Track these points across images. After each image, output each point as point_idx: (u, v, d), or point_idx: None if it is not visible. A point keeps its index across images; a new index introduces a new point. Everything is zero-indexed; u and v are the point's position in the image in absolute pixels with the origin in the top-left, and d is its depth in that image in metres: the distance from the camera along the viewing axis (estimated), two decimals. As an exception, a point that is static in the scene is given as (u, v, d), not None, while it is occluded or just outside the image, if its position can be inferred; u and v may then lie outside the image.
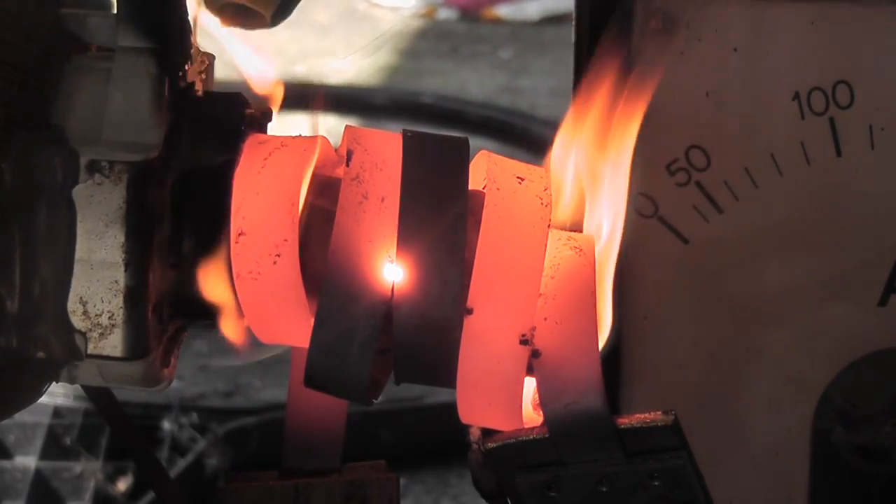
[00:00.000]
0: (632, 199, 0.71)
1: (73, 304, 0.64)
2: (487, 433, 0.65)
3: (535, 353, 0.63)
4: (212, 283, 0.66)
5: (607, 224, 0.68)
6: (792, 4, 0.91)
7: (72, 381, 0.66)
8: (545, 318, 0.63)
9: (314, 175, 0.66)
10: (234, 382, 2.13)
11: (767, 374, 0.98)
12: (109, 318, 0.64)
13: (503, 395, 0.63)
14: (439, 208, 0.63)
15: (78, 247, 0.64)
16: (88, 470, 1.77)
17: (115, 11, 0.65)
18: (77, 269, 0.64)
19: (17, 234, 0.63)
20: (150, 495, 1.69)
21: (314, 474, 0.74)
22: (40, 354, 0.65)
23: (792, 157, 0.94)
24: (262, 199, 0.64)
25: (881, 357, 0.96)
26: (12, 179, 0.63)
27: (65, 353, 0.65)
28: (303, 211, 0.65)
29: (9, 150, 0.62)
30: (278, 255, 0.63)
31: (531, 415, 0.65)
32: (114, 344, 0.64)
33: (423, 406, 1.83)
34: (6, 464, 1.78)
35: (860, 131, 0.93)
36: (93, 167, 0.63)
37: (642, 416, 0.63)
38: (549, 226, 0.64)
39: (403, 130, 0.66)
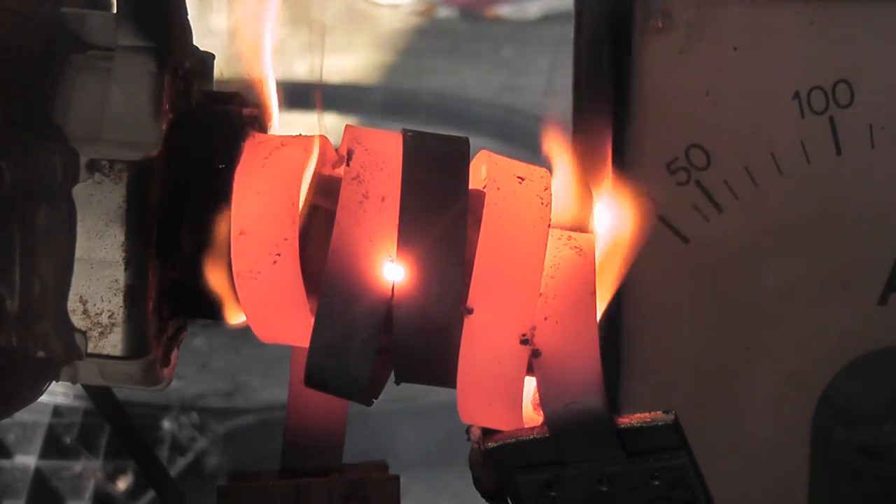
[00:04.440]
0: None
1: (73, 303, 0.64)
2: (488, 433, 0.65)
3: (535, 353, 0.62)
4: (212, 282, 0.66)
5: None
6: (792, 4, 0.91)
7: (72, 380, 0.66)
8: (545, 318, 0.63)
9: (315, 174, 0.66)
10: (233, 382, 2.13)
11: (767, 373, 0.98)
12: (109, 317, 0.64)
13: (503, 395, 0.63)
14: (440, 208, 0.63)
15: (78, 246, 0.64)
16: (88, 469, 1.77)
17: (115, 11, 0.65)
18: (77, 268, 0.64)
19: (17, 233, 0.63)
20: (151, 494, 1.69)
21: (314, 474, 0.74)
22: (40, 353, 0.65)
23: (792, 156, 0.94)
24: (263, 199, 0.64)
25: (881, 356, 0.96)
26: (12, 178, 0.62)
27: (65, 352, 0.65)
28: (303, 210, 0.65)
29: (9, 150, 0.62)
30: (278, 255, 0.63)
31: (531, 414, 0.65)
32: (114, 343, 0.64)
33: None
34: (6, 463, 1.78)
35: (860, 130, 0.93)
36: (93, 166, 0.63)
37: (642, 415, 0.63)
38: (549, 225, 0.64)
39: (404, 130, 0.65)
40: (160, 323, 0.66)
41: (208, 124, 0.67)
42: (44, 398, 0.72)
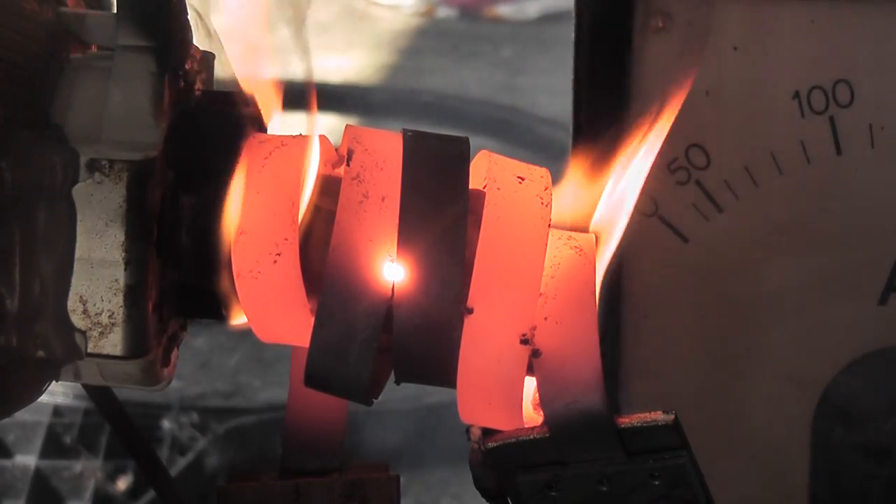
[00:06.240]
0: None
1: (73, 303, 0.64)
2: (488, 433, 0.65)
3: (535, 353, 0.62)
4: (212, 281, 0.66)
5: (611, 219, 0.68)
6: (792, 4, 0.91)
7: (72, 379, 0.66)
8: (545, 318, 0.63)
9: (318, 175, 0.66)
10: (234, 382, 2.13)
11: (767, 373, 0.98)
12: (109, 316, 0.64)
13: (503, 395, 0.63)
14: (440, 208, 0.63)
15: (78, 245, 0.64)
16: (88, 469, 1.77)
17: (115, 10, 0.65)
18: (77, 267, 0.64)
19: (17, 233, 0.63)
20: (151, 494, 1.69)
21: (314, 474, 0.74)
22: (40, 353, 0.65)
23: (792, 155, 0.94)
24: (263, 199, 0.64)
25: (881, 356, 0.96)
26: (12, 178, 0.62)
27: (65, 351, 0.65)
28: (305, 210, 0.65)
29: (8, 149, 0.62)
30: (279, 255, 0.63)
31: (531, 414, 0.65)
32: (114, 343, 0.64)
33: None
34: (6, 463, 1.79)
35: (860, 130, 0.93)
36: (93, 166, 0.63)
37: (643, 415, 0.63)
38: (549, 225, 0.64)
39: (404, 130, 0.65)
40: (160, 323, 0.66)
41: (208, 124, 0.67)
42: (44, 398, 0.72)
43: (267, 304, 0.64)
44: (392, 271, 0.63)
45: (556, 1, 4.15)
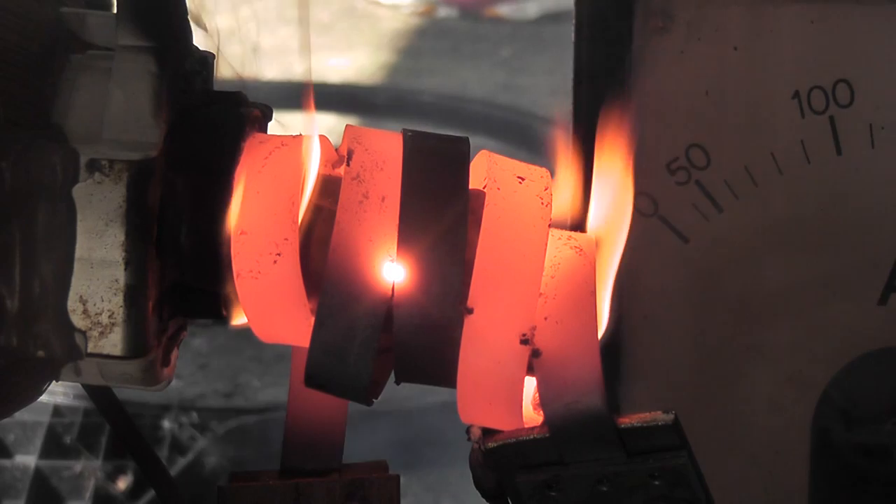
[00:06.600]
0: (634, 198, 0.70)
1: (73, 303, 0.64)
2: (488, 433, 0.65)
3: (535, 353, 0.63)
4: (212, 282, 0.66)
5: (611, 219, 0.68)
6: (792, 4, 0.91)
7: (72, 379, 0.66)
8: (545, 318, 0.63)
9: (319, 175, 0.66)
10: (233, 382, 2.13)
11: (767, 373, 0.98)
12: (109, 316, 0.64)
13: (503, 395, 0.63)
14: (440, 208, 0.63)
15: (78, 245, 0.64)
16: (88, 469, 1.77)
17: (115, 11, 0.65)
18: (77, 267, 0.64)
19: (17, 233, 0.63)
20: (151, 494, 1.70)
21: (314, 474, 0.74)
22: (40, 353, 0.65)
23: (792, 155, 0.94)
24: (263, 199, 0.64)
25: (881, 356, 0.96)
26: (12, 178, 0.62)
27: (65, 351, 0.65)
28: (306, 211, 0.65)
29: (9, 150, 0.62)
30: (279, 255, 0.63)
31: (531, 414, 0.65)
32: (114, 343, 0.64)
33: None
34: (6, 462, 1.79)
35: (860, 130, 0.93)
36: (93, 166, 0.63)
37: (643, 415, 0.63)
38: (549, 225, 0.64)
39: (404, 130, 0.66)
40: (160, 323, 0.66)
41: (208, 124, 0.67)
42: (44, 398, 0.72)
43: (267, 305, 0.64)
44: (392, 271, 0.63)
45: (556, 1, 4.15)
